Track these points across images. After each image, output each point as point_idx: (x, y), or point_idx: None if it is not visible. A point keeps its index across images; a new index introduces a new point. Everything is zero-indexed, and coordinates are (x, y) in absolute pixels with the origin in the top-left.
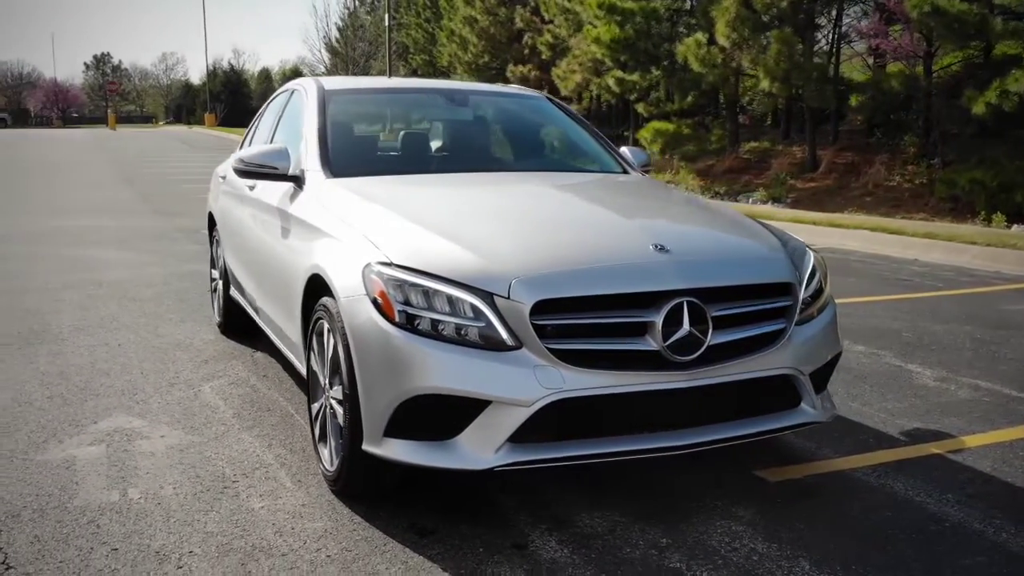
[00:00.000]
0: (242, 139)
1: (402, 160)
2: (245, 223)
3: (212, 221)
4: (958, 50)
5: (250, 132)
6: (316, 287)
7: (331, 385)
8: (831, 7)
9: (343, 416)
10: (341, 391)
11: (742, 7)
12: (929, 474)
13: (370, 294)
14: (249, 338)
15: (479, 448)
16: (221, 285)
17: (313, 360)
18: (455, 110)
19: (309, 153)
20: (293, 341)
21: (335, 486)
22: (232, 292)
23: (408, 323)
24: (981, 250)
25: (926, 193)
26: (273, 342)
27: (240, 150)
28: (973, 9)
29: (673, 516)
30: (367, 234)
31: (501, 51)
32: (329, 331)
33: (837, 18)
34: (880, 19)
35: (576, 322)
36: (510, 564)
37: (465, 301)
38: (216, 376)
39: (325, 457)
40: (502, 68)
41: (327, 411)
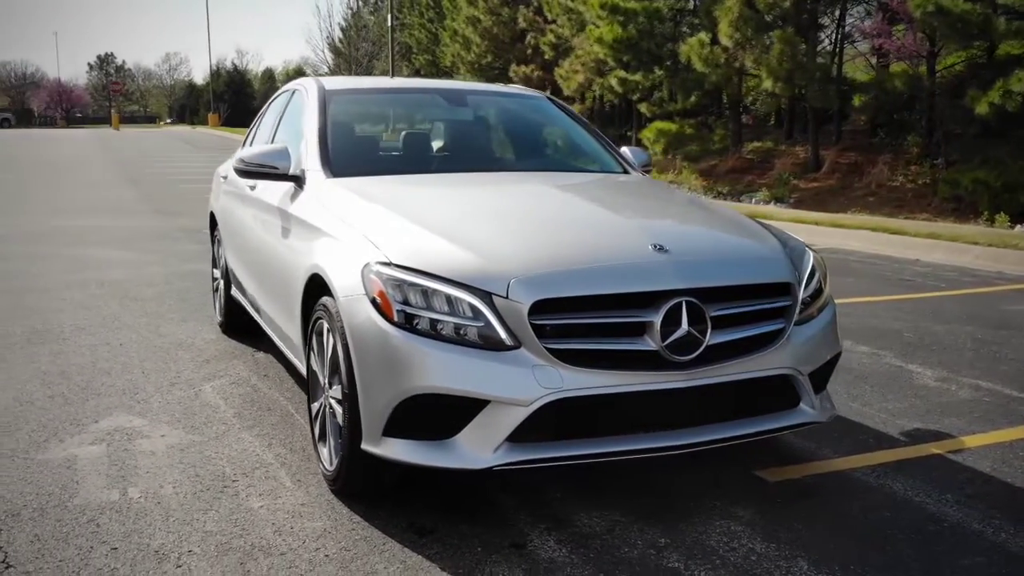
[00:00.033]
0: (244, 139)
1: (402, 160)
2: (246, 223)
3: (213, 221)
4: (961, 50)
5: (252, 132)
6: (316, 287)
7: (330, 384)
8: (834, 7)
9: (342, 415)
10: (340, 390)
11: (745, 7)
12: (929, 474)
13: (369, 294)
14: (250, 338)
15: (478, 447)
16: (222, 285)
17: (313, 360)
18: (456, 110)
19: (309, 153)
20: (293, 341)
21: (334, 485)
22: (233, 292)
23: (407, 323)
24: (983, 250)
25: (929, 193)
26: (274, 342)
27: (241, 150)
28: (976, 9)
29: (672, 516)
30: (366, 234)
31: (504, 51)
32: (329, 331)
33: (840, 18)
34: (883, 19)
35: (575, 322)
36: (508, 563)
37: (464, 301)
38: (217, 376)
39: (324, 456)
40: (505, 68)
41: (326, 410)
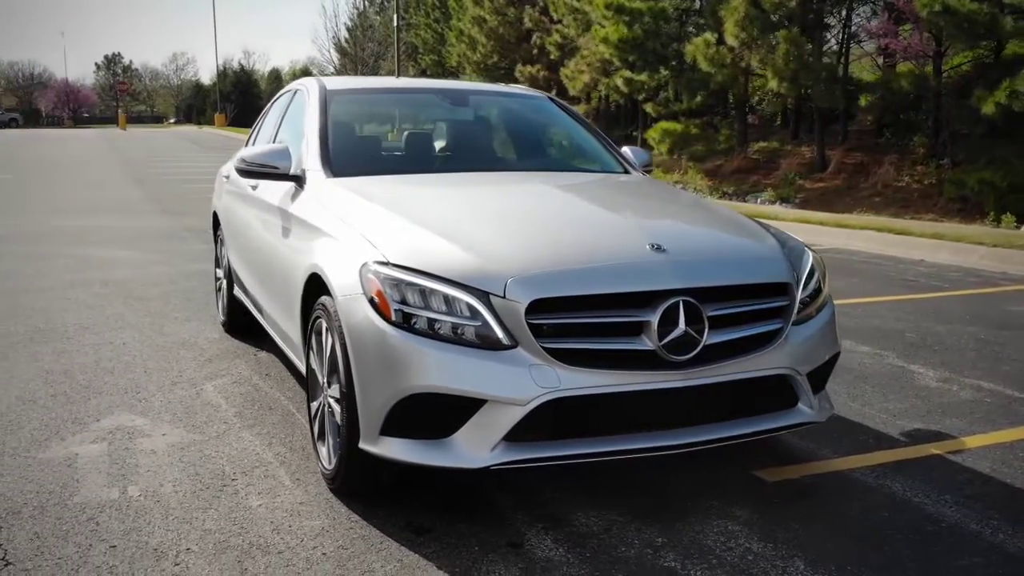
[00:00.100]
0: (247, 138)
1: (402, 160)
2: (248, 222)
3: (216, 220)
4: (968, 50)
5: (254, 131)
6: (315, 286)
7: (329, 384)
8: (840, 7)
9: (341, 414)
10: (339, 389)
11: (751, 7)
12: (928, 475)
13: (367, 293)
14: (253, 337)
15: (475, 447)
16: (225, 284)
17: (312, 359)
18: (457, 110)
19: (310, 152)
20: (293, 340)
21: (333, 484)
22: (236, 291)
23: (404, 322)
24: (988, 251)
25: (935, 193)
26: (275, 341)
27: (243, 149)
28: (983, 8)
29: (669, 515)
30: (365, 233)
31: (510, 51)
32: (327, 330)
33: (846, 18)
34: (889, 19)
35: (572, 321)
36: (505, 563)
37: (461, 300)
38: (219, 375)
39: (323, 455)
40: (511, 68)
41: (325, 409)
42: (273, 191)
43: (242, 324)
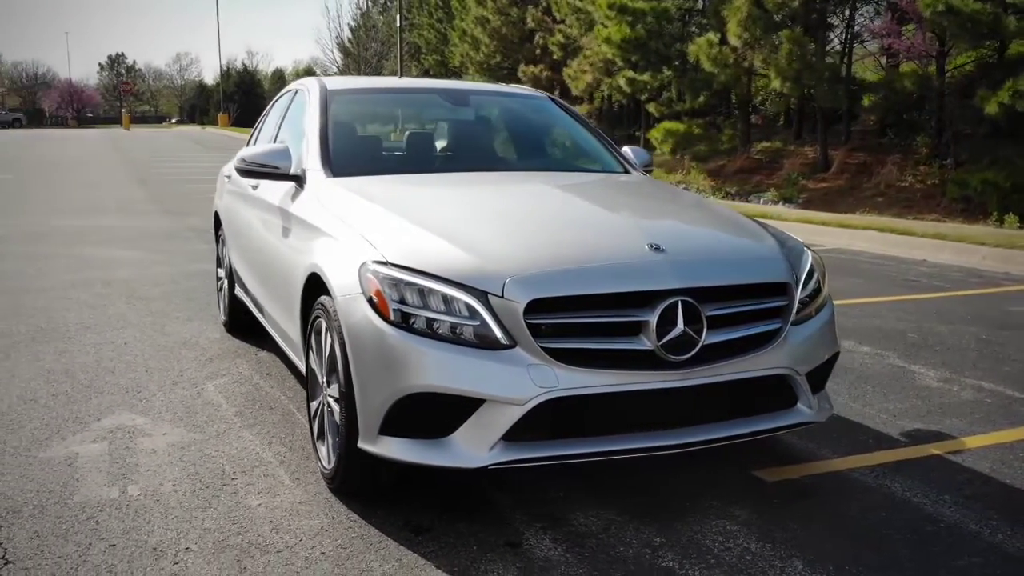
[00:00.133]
0: (248, 138)
1: (402, 160)
2: (248, 222)
3: (218, 220)
4: (971, 50)
5: (256, 131)
6: (315, 286)
7: (328, 383)
8: (843, 7)
9: (340, 414)
10: (338, 389)
11: (754, 6)
12: (927, 475)
13: (366, 293)
14: (254, 337)
15: (473, 446)
16: (226, 284)
17: (312, 358)
18: (457, 110)
19: (310, 152)
20: (293, 339)
21: (332, 483)
22: (237, 291)
23: (403, 322)
24: (991, 251)
25: (938, 194)
26: (276, 341)
27: (244, 149)
28: (987, 8)
29: (667, 515)
30: (364, 233)
31: (513, 51)
32: (327, 330)
33: (849, 18)
34: (893, 18)
35: (570, 321)
36: (503, 562)
37: (460, 300)
38: (220, 374)
39: (323, 455)
40: (514, 68)
41: (325, 409)
42: (273, 191)
43: (243, 324)
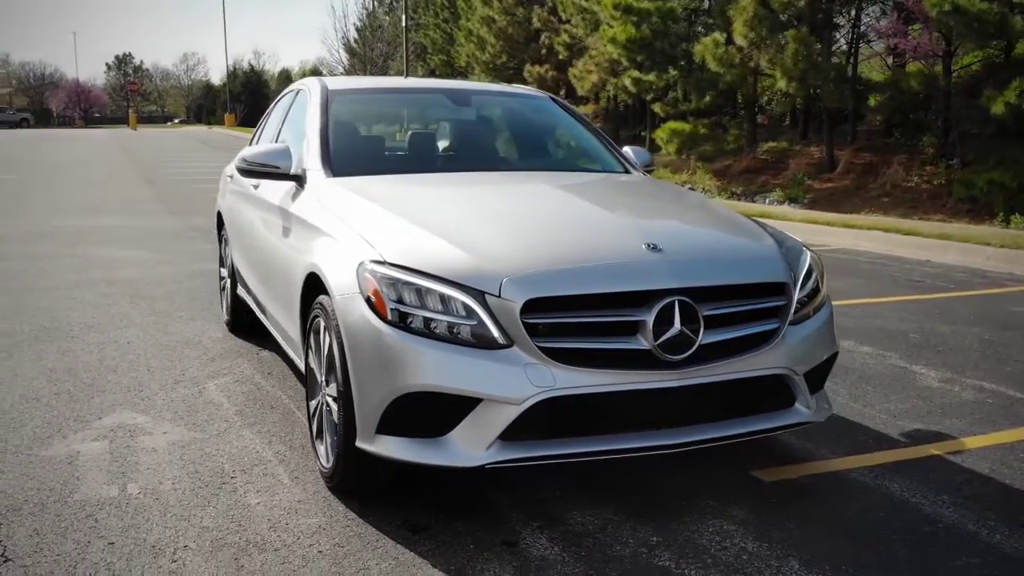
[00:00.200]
0: (251, 138)
1: (403, 160)
2: (250, 222)
3: (220, 220)
4: (978, 49)
5: (258, 131)
6: (314, 285)
7: (327, 382)
8: (849, 6)
9: (338, 413)
10: (336, 388)
11: (760, 6)
12: (926, 475)
13: (364, 292)
14: (256, 336)
15: (470, 445)
16: (229, 284)
17: (311, 357)
18: (458, 110)
19: (310, 152)
20: (293, 339)
21: (331, 482)
22: (239, 291)
23: (401, 321)
24: (996, 251)
25: (944, 194)
26: (277, 340)
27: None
28: (993, 8)
29: (664, 514)
30: (363, 233)
31: (519, 51)
32: (325, 329)
33: (855, 17)
34: (899, 18)
35: (567, 321)
36: (500, 561)
37: (457, 300)
38: (221, 374)
39: (321, 453)
40: (519, 68)
41: (323, 408)
42: (274, 190)
43: (246, 323)
